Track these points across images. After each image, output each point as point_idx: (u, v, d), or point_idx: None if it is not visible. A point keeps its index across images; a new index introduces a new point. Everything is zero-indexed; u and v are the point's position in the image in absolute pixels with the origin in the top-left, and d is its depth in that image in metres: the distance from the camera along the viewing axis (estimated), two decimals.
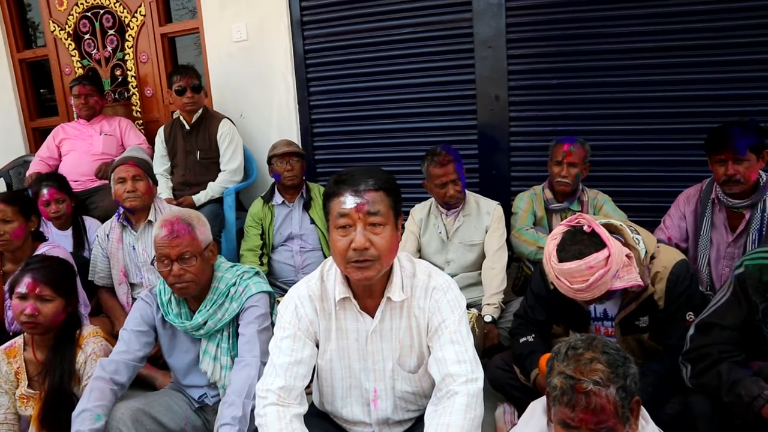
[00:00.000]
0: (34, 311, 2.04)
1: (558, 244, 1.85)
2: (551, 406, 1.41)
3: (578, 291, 1.82)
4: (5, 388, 2.14)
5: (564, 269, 1.81)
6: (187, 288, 1.99)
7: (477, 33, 3.46)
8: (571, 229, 1.86)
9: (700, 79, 3.09)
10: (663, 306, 1.94)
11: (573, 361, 1.36)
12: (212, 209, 3.57)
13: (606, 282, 1.79)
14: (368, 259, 1.51)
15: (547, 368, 1.44)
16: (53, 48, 4.79)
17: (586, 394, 1.30)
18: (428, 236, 3.01)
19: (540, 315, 2.17)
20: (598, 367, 1.33)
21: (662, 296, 1.94)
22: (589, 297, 1.83)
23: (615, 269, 1.79)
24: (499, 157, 3.56)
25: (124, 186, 2.86)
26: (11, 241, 2.66)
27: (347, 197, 1.51)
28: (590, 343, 1.40)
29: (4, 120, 5.00)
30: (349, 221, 1.51)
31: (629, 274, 1.84)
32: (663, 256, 1.96)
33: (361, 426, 1.77)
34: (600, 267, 1.77)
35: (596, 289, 1.80)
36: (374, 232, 1.51)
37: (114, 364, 1.98)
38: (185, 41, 4.55)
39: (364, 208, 1.50)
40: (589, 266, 1.77)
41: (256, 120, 4.13)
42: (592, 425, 1.31)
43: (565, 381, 1.34)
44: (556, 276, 1.86)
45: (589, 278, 1.77)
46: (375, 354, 1.68)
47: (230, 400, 1.83)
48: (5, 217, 2.63)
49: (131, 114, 4.61)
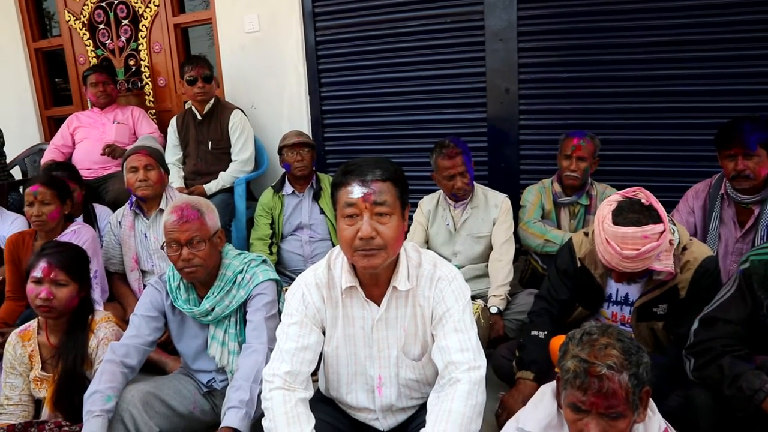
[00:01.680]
0: (49, 295, 2.08)
1: (614, 209, 1.88)
2: (562, 390, 1.42)
3: (625, 258, 1.84)
4: (20, 370, 2.19)
5: (619, 233, 1.83)
6: (196, 272, 2.03)
7: (488, 25, 3.45)
8: (628, 199, 1.89)
9: (710, 74, 3.07)
10: (684, 296, 1.98)
11: (588, 345, 1.38)
12: (223, 198, 3.61)
13: (652, 257, 1.83)
14: (374, 248, 1.53)
15: (561, 352, 1.45)
16: (68, 38, 4.85)
17: (599, 378, 1.32)
18: (436, 228, 3.03)
19: (563, 294, 2.20)
20: (613, 353, 1.34)
21: (686, 286, 1.97)
22: (632, 268, 1.86)
23: (663, 248, 1.84)
24: (509, 150, 3.56)
25: (136, 175, 2.90)
26: (47, 222, 2.78)
27: (354, 187, 1.54)
28: (605, 330, 1.41)
29: (20, 108, 5.07)
30: (356, 210, 1.53)
31: (668, 259, 1.89)
32: (695, 248, 2.00)
33: (365, 412, 1.80)
34: (653, 239, 1.81)
35: (642, 261, 1.83)
36: (380, 221, 1.54)
37: (124, 348, 2.02)
38: (198, 32, 4.59)
39: (371, 198, 1.52)
40: (645, 236, 1.80)
41: (267, 111, 4.16)
42: (602, 409, 1.33)
43: (579, 364, 1.35)
44: (607, 240, 1.87)
45: (641, 248, 1.80)
46: (380, 342, 1.71)
47: (238, 384, 1.86)
48: (44, 199, 2.76)
49: (144, 103, 4.66)
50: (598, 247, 1.95)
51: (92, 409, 1.84)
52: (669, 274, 1.94)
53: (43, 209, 2.76)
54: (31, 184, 2.81)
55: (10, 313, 2.76)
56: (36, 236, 2.87)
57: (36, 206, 2.75)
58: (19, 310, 2.76)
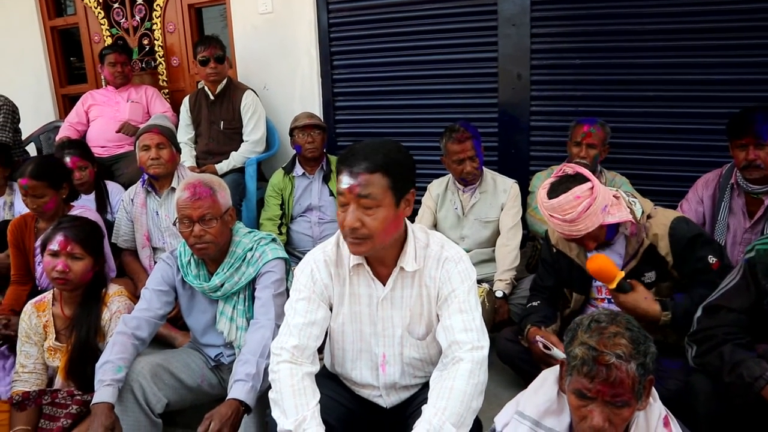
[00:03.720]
0: (65, 268, 2.13)
1: (548, 189, 2.05)
2: (566, 375, 1.43)
3: (571, 222, 1.96)
4: (34, 339, 2.25)
5: (554, 204, 1.99)
6: (207, 249, 2.06)
7: (501, 10, 3.44)
8: (557, 178, 2.06)
9: (724, 62, 3.04)
10: (673, 261, 2.04)
11: (596, 333, 1.38)
12: (234, 178, 3.64)
13: (596, 213, 1.95)
14: (359, 237, 1.56)
15: (568, 338, 1.46)
16: (83, 16, 4.87)
17: (608, 367, 1.32)
18: (444, 211, 3.04)
19: (548, 281, 2.31)
20: (622, 342, 1.35)
21: (669, 251, 2.04)
22: (584, 229, 1.97)
23: (602, 202, 1.97)
24: (519, 136, 3.56)
25: (148, 153, 2.93)
26: (45, 213, 2.73)
27: (344, 176, 1.56)
28: (614, 318, 1.41)
29: (36, 86, 5.12)
30: (345, 200, 1.57)
31: (620, 211, 2.02)
32: (660, 214, 2.10)
33: (369, 389, 1.83)
34: (586, 197, 1.95)
35: (587, 218, 1.95)
36: (366, 213, 1.55)
37: (136, 321, 2.07)
38: (212, 12, 4.59)
39: (356, 190, 1.54)
40: (576, 196, 1.95)
41: (279, 92, 4.17)
42: (608, 397, 1.34)
43: (588, 352, 1.35)
44: (549, 215, 2.01)
45: (578, 207, 1.94)
46: (385, 320, 1.73)
47: (245, 358, 1.90)
48: (36, 193, 2.67)
49: (158, 83, 4.69)
50: (552, 227, 2.09)
51: (103, 378, 1.89)
52: (632, 226, 2.05)
53: (38, 201, 2.69)
54: (20, 175, 2.68)
55: (16, 298, 2.74)
56: (37, 219, 2.82)
57: (30, 199, 2.68)
58: (24, 295, 2.72)
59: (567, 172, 2.06)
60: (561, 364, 1.48)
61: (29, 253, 2.79)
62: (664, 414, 1.47)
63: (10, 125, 4.15)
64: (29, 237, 2.79)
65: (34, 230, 2.80)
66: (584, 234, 2.00)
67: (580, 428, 1.40)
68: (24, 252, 2.80)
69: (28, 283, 2.82)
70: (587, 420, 1.36)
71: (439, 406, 1.52)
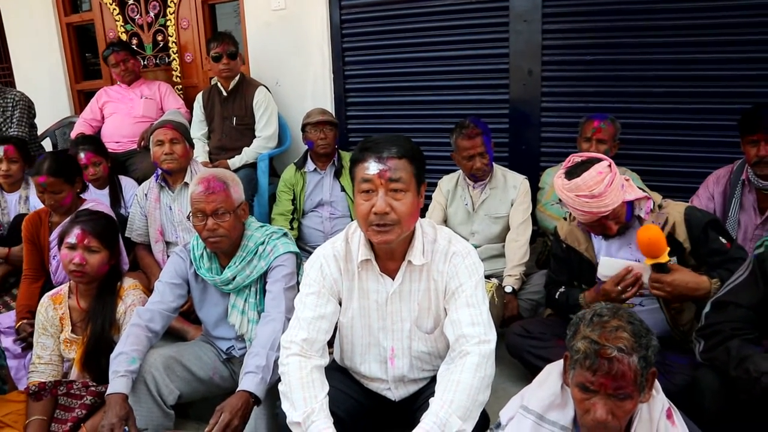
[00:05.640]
0: (82, 261, 2.17)
1: (564, 175, 2.08)
2: (569, 369, 1.45)
3: (598, 197, 1.97)
4: (51, 331, 2.29)
5: (579, 182, 2.00)
6: (220, 242, 2.09)
7: (513, 6, 3.43)
8: (568, 167, 2.10)
9: (735, 58, 3.01)
10: (690, 247, 2.05)
11: (598, 327, 1.39)
12: (246, 174, 3.67)
13: (618, 188, 1.99)
14: (388, 223, 1.58)
15: (570, 332, 1.48)
16: (98, 12, 4.93)
17: (610, 360, 1.34)
18: (454, 207, 3.06)
19: (562, 275, 2.33)
20: (623, 335, 1.36)
21: (686, 237, 2.05)
22: (610, 203, 1.98)
23: (620, 178, 2.02)
24: (530, 132, 3.55)
25: (162, 148, 2.96)
26: (61, 208, 2.79)
27: (371, 163, 1.58)
28: (616, 312, 1.43)
29: (52, 82, 5.19)
30: (372, 186, 1.58)
31: (633, 190, 2.07)
32: (672, 205, 2.12)
33: (378, 382, 1.85)
34: (607, 172, 1.99)
35: (612, 192, 1.98)
36: (395, 197, 1.58)
37: (149, 313, 2.10)
38: (225, 9, 4.63)
39: (386, 175, 1.57)
40: (599, 171, 1.99)
41: (291, 88, 4.20)
42: (610, 390, 1.35)
43: (590, 345, 1.37)
44: (575, 196, 2.02)
45: (603, 181, 1.97)
46: (394, 314, 1.76)
47: (255, 351, 1.93)
48: (53, 189, 2.73)
49: (171, 79, 4.73)
50: (574, 212, 2.10)
51: (118, 369, 1.93)
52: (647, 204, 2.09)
53: (56, 197, 2.75)
54: (36, 173, 2.74)
55: (31, 296, 2.74)
56: (51, 214, 2.87)
57: (47, 195, 2.74)
58: (37, 292, 2.74)
59: (576, 160, 2.10)
60: (565, 357, 1.50)
61: (44, 249, 2.83)
62: (667, 406, 1.48)
63: (26, 120, 4.23)
64: (44, 232, 2.83)
65: (49, 225, 2.84)
66: (611, 210, 2.00)
67: (584, 421, 1.42)
68: (39, 247, 2.84)
69: (40, 278, 2.85)
70: (590, 413, 1.38)
71: (445, 398, 1.54)
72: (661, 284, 1.94)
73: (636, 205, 2.11)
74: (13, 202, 3.40)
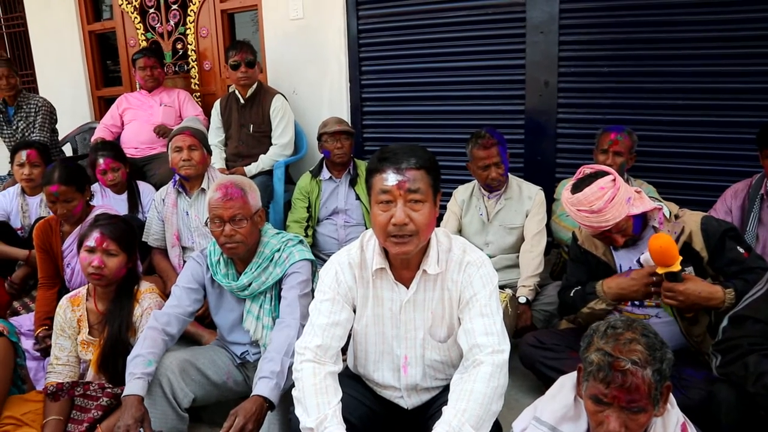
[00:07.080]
0: (100, 264, 2.20)
1: (570, 189, 2.11)
2: (583, 381, 1.44)
3: (597, 212, 1.99)
4: (68, 333, 2.33)
5: (580, 197, 2.03)
6: (237, 248, 2.12)
7: (530, 18, 3.45)
8: (577, 180, 2.12)
9: (754, 71, 2.99)
10: (708, 256, 2.04)
11: (612, 339, 1.39)
12: (262, 181, 3.70)
13: (621, 203, 1.99)
14: (407, 234, 1.59)
15: (584, 344, 1.47)
16: (120, 21, 5.02)
17: (623, 373, 1.33)
18: (469, 217, 3.06)
19: (578, 276, 2.32)
20: (638, 348, 1.35)
21: (703, 246, 2.04)
22: (611, 219, 2.00)
23: (625, 193, 2.02)
24: (546, 144, 3.55)
25: (180, 155, 3.00)
26: (73, 216, 2.81)
27: (389, 174, 1.59)
28: (630, 324, 1.42)
29: (73, 89, 5.29)
30: (390, 197, 1.59)
31: (643, 203, 2.06)
32: (688, 215, 2.12)
33: (391, 390, 1.86)
34: (609, 187, 2.00)
35: (613, 208, 1.99)
36: (414, 208, 1.59)
37: (166, 317, 2.13)
38: (244, 18, 4.69)
39: (405, 186, 1.57)
40: (600, 187, 2.00)
41: (308, 96, 4.24)
42: (624, 403, 1.34)
43: (604, 358, 1.37)
44: (576, 210, 2.04)
45: (603, 197, 1.98)
46: (407, 323, 1.76)
47: (270, 356, 1.94)
48: (66, 197, 2.74)
49: (190, 86, 4.80)
50: (581, 225, 2.12)
51: (134, 371, 1.95)
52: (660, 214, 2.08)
53: (68, 206, 2.76)
54: (47, 182, 2.74)
55: (49, 304, 2.74)
56: (62, 223, 2.87)
57: (59, 205, 2.75)
58: (54, 299, 2.73)
59: (586, 172, 2.11)
60: (579, 369, 1.49)
61: (57, 257, 2.85)
62: (682, 420, 1.47)
63: (48, 126, 4.31)
64: (56, 240, 2.85)
65: (60, 234, 2.86)
66: (612, 225, 2.01)
67: None
68: (52, 255, 2.84)
69: (56, 285, 2.87)
70: (604, 425, 1.37)
71: (458, 407, 1.54)
72: (674, 293, 1.92)
73: (649, 217, 2.11)
74: (35, 206, 3.47)
